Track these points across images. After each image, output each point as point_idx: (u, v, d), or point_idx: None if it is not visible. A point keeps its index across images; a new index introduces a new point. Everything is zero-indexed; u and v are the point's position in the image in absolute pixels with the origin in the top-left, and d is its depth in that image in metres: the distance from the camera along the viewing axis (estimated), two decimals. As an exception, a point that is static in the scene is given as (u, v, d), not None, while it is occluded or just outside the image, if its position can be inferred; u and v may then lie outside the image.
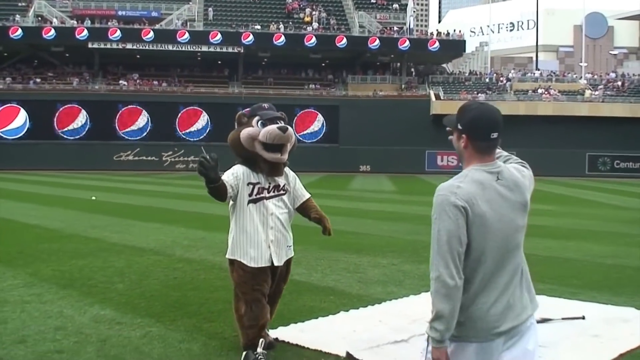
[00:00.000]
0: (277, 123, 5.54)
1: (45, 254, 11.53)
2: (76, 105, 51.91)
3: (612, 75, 63.36)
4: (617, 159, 52.04)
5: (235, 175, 5.55)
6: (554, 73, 65.51)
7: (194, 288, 8.81)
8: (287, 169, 5.84)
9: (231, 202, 5.64)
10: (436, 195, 3.09)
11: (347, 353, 5.92)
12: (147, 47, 52.55)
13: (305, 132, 52.50)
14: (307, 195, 6.01)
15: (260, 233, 5.57)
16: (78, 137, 51.93)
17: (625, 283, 9.51)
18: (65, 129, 51.93)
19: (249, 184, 5.56)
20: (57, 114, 51.87)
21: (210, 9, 57.51)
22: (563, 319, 7.22)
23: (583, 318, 7.26)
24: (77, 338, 6.40)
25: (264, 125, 5.50)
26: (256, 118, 5.59)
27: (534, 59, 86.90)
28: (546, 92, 55.00)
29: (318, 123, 53.53)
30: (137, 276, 9.58)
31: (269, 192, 5.62)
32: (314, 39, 53.94)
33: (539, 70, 67.10)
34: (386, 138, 51.10)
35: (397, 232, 14.98)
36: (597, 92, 55.65)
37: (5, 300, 8.00)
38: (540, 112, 52.23)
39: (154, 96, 52.98)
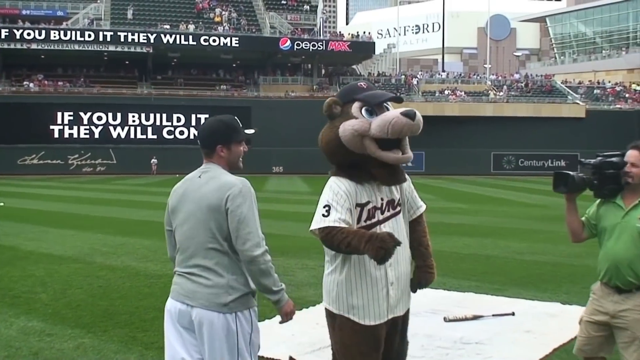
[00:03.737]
0: (387, 107, 3.78)
1: (-43, 264, 10.99)
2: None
3: (516, 76, 65.63)
4: (521, 158, 53.92)
5: (343, 203, 3.65)
6: (460, 75, 67.28)
7: (122, 296, 8.57)
8: None
9: None
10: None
11: (290, 357, 5.87)
12: (52, 47, 50.84)
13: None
14: (422, 206, 4.12)
15: (376, 275, 3.76)
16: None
17: (547, 279, 9.85)
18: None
19: (357, 205, 3.72)
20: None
21: (129, 9, 56.17)
22: (494, 315, 7.41)
23: (513, 314, 7.48)
24: (7, 352, 6.11)
25: (370, 113, 3.67)
26: (356, 104, 3.70)
27: (439, 60, 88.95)
28: (453, 93, 56.43)
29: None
30: (60, 285, 9.25)
31: (382, 213, 3.80)
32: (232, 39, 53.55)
33: (445, 71, 68.78)
34: (298, 139, 51.20)
35: (319, 234, 15.00)
36: (501, 93, 57.51)
37: None
38: (447, 113, 53.53)
39: (60, 97, 51.38)
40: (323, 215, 3.62)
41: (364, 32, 62.59)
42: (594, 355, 4.32)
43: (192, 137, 51.86)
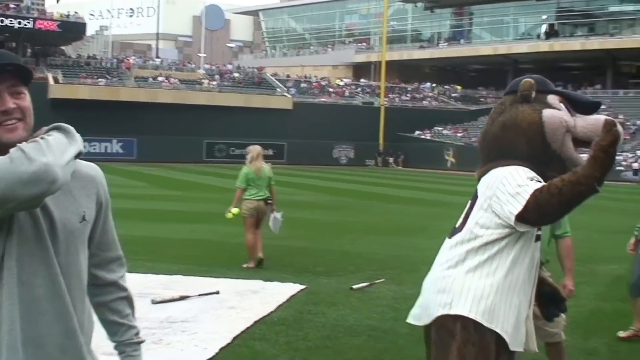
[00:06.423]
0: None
1: None
2: None
3: (229, 66, 67.35)
4: (232, 146, 55.43)
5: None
6: (175, 62, 67.41)
7: None
8: None
9: (501, 230, 2.80)
10: None
11: None
12: None
13: None
14: None
15: (526, 290, 2.93)
16: None
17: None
18: None
19: None
20: None
21: None
22: (200, 295, 7.81)
23: (218, 293, 7.94)
24: None
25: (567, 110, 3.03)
26: (553, 97, 3.05)
27: (154, 46, 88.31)
28: (167, 80, 56.38)
29: None
30: None
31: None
32: None
33: (159, 58, 68.43)
34: None
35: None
36: (214, 82, 58.69)
37: None
38: (160, 100, 53.28)
39: None
40: (525, 184, 2.70)
41: (75, 12, 59.89)
42: None
43: None
